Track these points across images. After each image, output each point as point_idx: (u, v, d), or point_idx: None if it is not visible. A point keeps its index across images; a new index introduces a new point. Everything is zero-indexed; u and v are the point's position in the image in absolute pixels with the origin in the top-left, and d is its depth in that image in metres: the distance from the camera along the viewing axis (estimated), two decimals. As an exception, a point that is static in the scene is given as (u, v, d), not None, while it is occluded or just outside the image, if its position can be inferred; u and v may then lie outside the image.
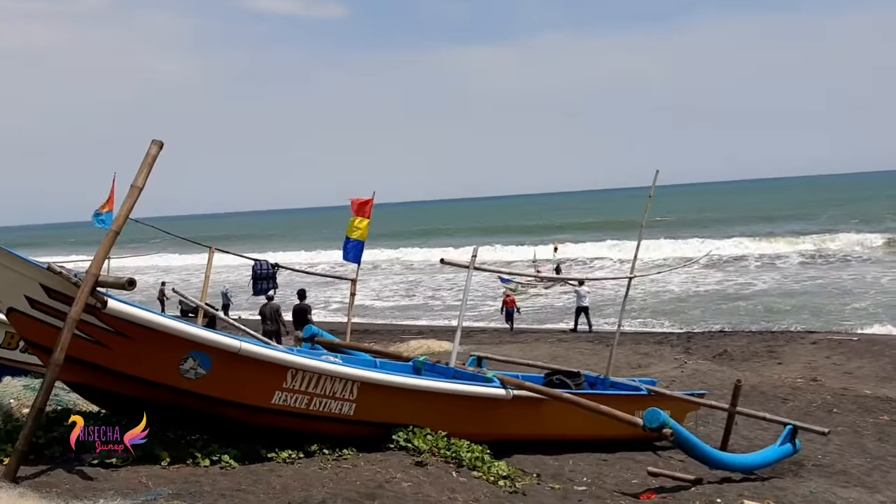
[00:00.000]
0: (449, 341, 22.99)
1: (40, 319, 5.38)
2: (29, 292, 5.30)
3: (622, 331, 25.99)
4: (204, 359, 5.82)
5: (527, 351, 20.29)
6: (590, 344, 21.95)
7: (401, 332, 29.36)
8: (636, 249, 10.28)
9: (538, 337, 24.38)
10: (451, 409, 7.32)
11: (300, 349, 8.63)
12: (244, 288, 38.50)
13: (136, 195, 5.44)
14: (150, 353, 5.65)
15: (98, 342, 5.50)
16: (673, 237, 56.77)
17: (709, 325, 26.66)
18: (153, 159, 5.51)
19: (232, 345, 5.86)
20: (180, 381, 5.81)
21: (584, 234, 71.86)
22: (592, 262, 52.25)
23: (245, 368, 6.00)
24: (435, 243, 71.39)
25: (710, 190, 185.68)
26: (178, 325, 5.68)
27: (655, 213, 11.25)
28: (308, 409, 6.44)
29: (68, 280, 5.19)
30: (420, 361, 8.63)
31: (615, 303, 33.61)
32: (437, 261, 11.47)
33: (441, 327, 31.11)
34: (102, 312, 5.32)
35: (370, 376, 6.77)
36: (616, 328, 10.53)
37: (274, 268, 13.80)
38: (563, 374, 9.57)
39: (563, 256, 54.21)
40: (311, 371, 6.34)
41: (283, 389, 6.25)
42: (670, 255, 46.49)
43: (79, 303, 5.11)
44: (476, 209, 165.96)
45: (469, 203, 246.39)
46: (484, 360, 10.62)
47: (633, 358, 18.93)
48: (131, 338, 5.53)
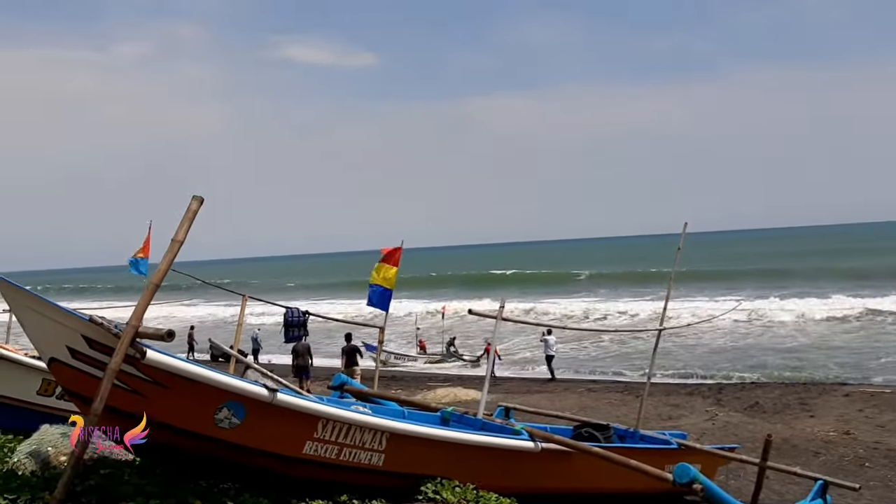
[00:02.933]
0: (476, 389, 22.95)
1: (80, 369, 5.50)
2: (70, 343, 5.44)
3: (654, 381, 25.81)
4: (238, 408, 5.91)
5: (555, 401, 20.20)
6: (619, 395, 21.80)
7: (427, 379, 29.38)
8: (665, 301, 10.28)
9: (567, 387, 24.26)
10: (480, 461, 7.33)
11: (329, 398, 8.70)
12: (273, 333, 38.75)
13: (176, 249, 5.60)
14: (186, 403, 5.75)
15: (135, 391, 5.61)
16: (704, 288, 55.92)
17: (740, 377, 26.40)
18: (194, 214, 5.67)
19: (265, 395, 5.95)
20: (215, 431, 5.89)
21: (604, 284, 71.22)
22: (610, 313, 51.42)
23: (277, 418, 6.08)
24: (453, 292, 71.39)
25: (743, 238, 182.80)
26: (214, 375, 5.78)
27: (685, 263, 11.24)
28: (338, 460, 6.50)
29: (109, 331, 5.32)
30: (448, 412, 8.66)
31: (643, 354, 33.43)
32: (454, 309, 11.54)
33: (468, 375, 31.10)
34: (141, 362, 5.45)
35: (399, 427, 6.82)
36: (646, 380, 10.48)
37: (305, 315, 13.98)
38: (593, 426, 9.55)
39: (450, 322, 43.58)
40: (341, 421, 6.41)
41: (314, 440, 6.32)
42: (701, 307, 45.78)
43: (119, 354, 5.24)
44: (504, 254, 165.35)
45: (498, 248, 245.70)
46: (512, 410, 10.63)
47: (664, 409, 18.78)
48: (168, 387, 5.64)
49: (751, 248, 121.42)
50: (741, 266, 77.23)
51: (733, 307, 35.84)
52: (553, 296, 63.25)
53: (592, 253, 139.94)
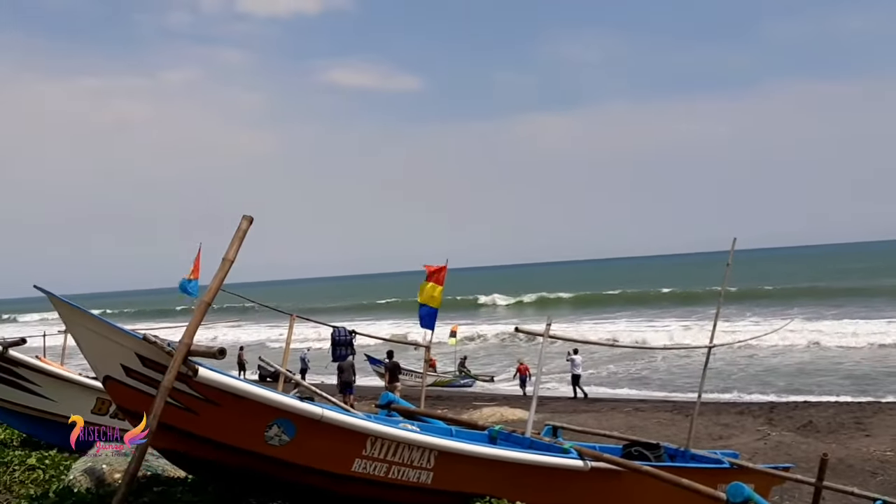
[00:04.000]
0: (522, 409, 22.82)
1: (134, 387, 5.60)
2: (125, 361, 5.54)
3: (703, 400, 25.37)
4: (288, 425, 5.94)
5: (602, 420, 20.00)
6: (668, 414, 21.50)
7: (473, 398, 29.27)
8: (715, 318, 10.12)
9: (614, 406, 23.98)
10: (528, 479, 7.26)
11: (376, 417, 8.71)
12: (319, 354, 38.97)
13: (227, 268, 5.68)
14: (237, 420, 5.81)
15: (187, 409, 5.68)
16: (753, 307, 54.89)
17: (792, 396, 25.85)
18: (244, 233, 5.75)
19: (314, 412, 5.98)
20: (265, 448, 5.93)
21: (649, 304, 70.21)
22: (654, 332, 50.73)
23: (327, 435, 6.10)
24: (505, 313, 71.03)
25: (794, 255, 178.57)
26: (264, 392, 5.83)
27: (734, 282, 11.09)
28: (386, 478, 6.48)
29: (162, 349, 5.41)
30: (496, 430, 8.60)
31: (691, 373, 32.96)
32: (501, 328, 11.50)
33: (514, 395, 30.92)
34: (193, 380, 5.52)
35: (448, 445, 6.79)
36: (697, 398, 10.31)
37: (351, 334, 14.06)
38: (642, 445, 9.39)
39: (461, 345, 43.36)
40: (390, 439, 6.40)
41: (362, 457, 6.32)
42: (750, 326, 44.98)
43: (172, 371, 5.32)
44: (545, 273, 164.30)
45: (539, 267, 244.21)
46: (559, 429, 10.52)
47: (714, 429, 18.49)
48: (220, 405, 5.70)
49: (799, 265, 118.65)
50: (791, 284, 75.59)
51: (785, 324, 35.08)
52: (595, 315, 62.77)
53: (636, 272, 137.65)
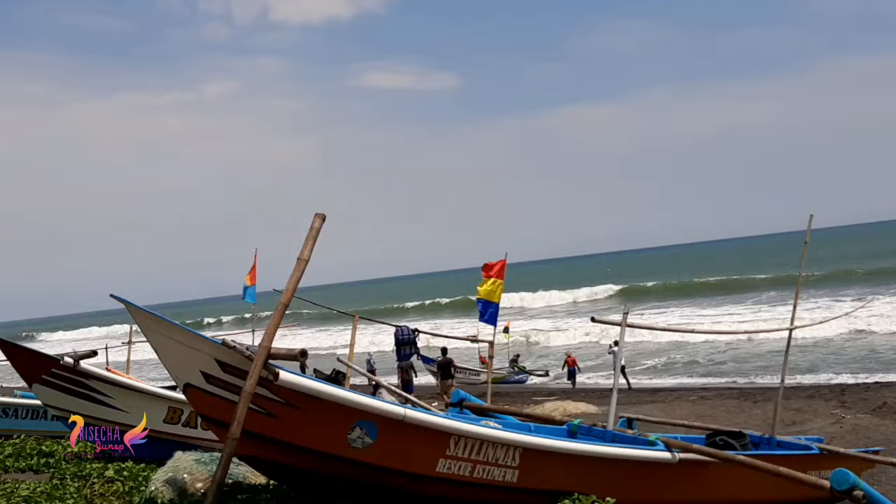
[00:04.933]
0: (584, 402, 22.48)
1: (215, 394, 5.49)
2: (204, 367, 5.44)
3: (768, 385, 24.70)
4: (371, 427, 5.79)
5: (668, 411, 19.53)
6: (735, 401, 20.94)
7: (531, 394, 28.93)
8: (795, 298, 9.78)
9: (677, 395, 23.45)
10: (615, 475, 7.02)
11: (451, 414, 8.53)
12: (387, 354, 38.84)
13: (302, 267, 5.54)
14: (320, 424, 5.67)
15: (269, 414, 5.56)
16: (824, 287, 52.52)
17: (863, 377, 25.08)
18: (317, 232, 5.61)
19: (397, 412, 5.81)
20: (348, 451, 5.79)
21: (712, 291, 68.13)
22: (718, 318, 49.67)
23: (410, 436, 5.94)
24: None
25: (873, 231, 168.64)
26: (347, 394, 5.69)
27: (811, 263, 10.69)
28: (471, 477, 6.30)
29: (242, 354, 5.29)
30: (575, 425, 8.37)
31: (754, 358, 32.24)
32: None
33: (570, 388, 30.50)
34: (273, 384, 5.39)
35: (534, 442, 6.58)
36: (780, 383, 9.97)
37: (415, 333, 13.90)
38: (726, 434, 9.08)
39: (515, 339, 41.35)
40: (474, 437, 6.22)
41: (446, 457, 6.14)
42: (825, 307, 43.18)
43: (253, 376, 5.19)
44: (586, 265, 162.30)
45: (598, 259, 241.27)
46: (634, 421, 10.24)
47: (785, 414, 17.90)
48: (301, 409, 5.57)
49: (867, 245, 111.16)
50: (860, 265, 71.19)
51: (865, 303, 33.81)
52: (662, 304, 61.62)
53: (701, 258, 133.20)
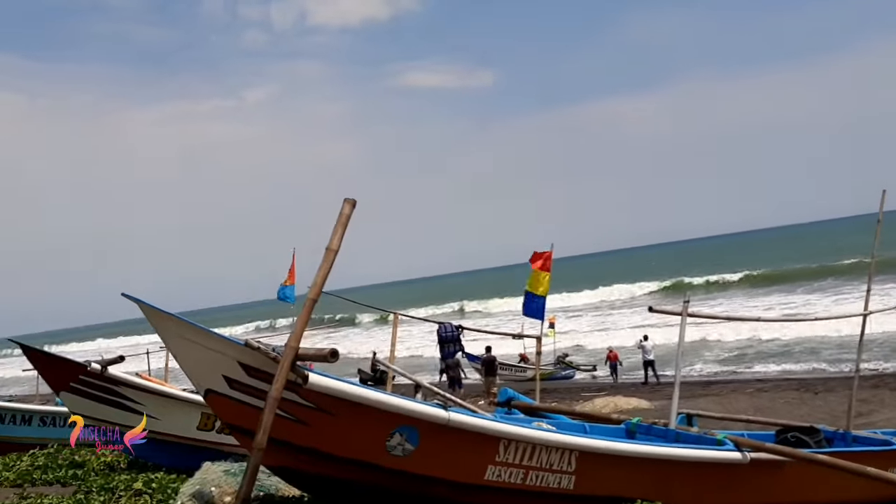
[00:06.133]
0: (636, 397, 21.73)
1: (239, 400, 5.01)
2: (226, 371, 4.96)
3: (828, 376, 23.63)
4: (411, 433, 5.27)
5: (724, 404, 18.76)
6: (794, 392, 20.09)
7: (580, 389, 28.23)
8: (868, 281, 9.05)
9: (734, 388, 22.57)
10: (681, 478, 6.41)
11: (499, 415, 7.97)
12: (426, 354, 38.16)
13: (331, 258, 5.01)
14: (355, 430, 5.16)
15: (299, 420, 5.06)
16: None
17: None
18: (347, 219, 5.08)
19: (440, 416, 5.27)
20: (387, 459, 5.27)
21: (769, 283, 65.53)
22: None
23: (455, 441, 5.40)
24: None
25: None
26: (384, 397, 5.17)
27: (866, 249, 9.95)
28: (524, 485, 5.74)
29: (267, 356, 4.80)
30: (634, 423, 7.74)
31: (809, 347, 31.17)
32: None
33: (623, 383, 29.73)
34: (303, 388, 4.89)
35: (591, 445, 5.99)
36: (854, 373, 9.24)
37: (458, 330, 13.33)
38: (797, 430, 8.36)
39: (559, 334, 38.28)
40: (525, 441, 5.66)
41: (496, 463, 5.59)
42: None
43: (279, 380, 4.70)
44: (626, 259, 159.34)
45: (644, 250, 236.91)
46: (695, 417, 9.57)
47: (850, 405, 17.03)
48: (334, 414, 5.06)
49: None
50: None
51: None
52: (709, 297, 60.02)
53: (755, 248, 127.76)
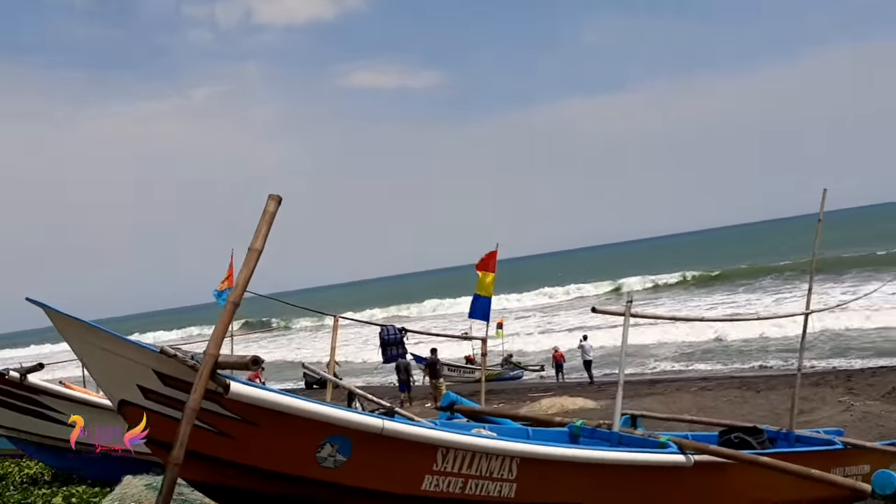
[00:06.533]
0: (582, 397, 21.67)
1: (156, 411, 4.67)
2: (141, 381, 4.61)
3: (770, 374, 23.93)
4: (343, 443, 4.98)
5: (669, 403, 18.81)
6: (737, 391, 20.27)
7: (527, 390, 28.20)
8: (810, 280, 9.02)
9: (679, 387, 22.72)
10: (625, 482, 6.24)
11: (441, 422, 7.73)
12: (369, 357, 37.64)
13: (255, 258, 4.69)
14: (283, 442, 4.85)
15: (222, 433, 4.74)
16: (831, 274, 49.98)
17: (869, 362, 24.43)
18: (272, 216, 4.76)
19: (374, 425, 5.00)
20: (318, 472, 4.97)
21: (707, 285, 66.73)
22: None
23: (390, 451, 5.13)
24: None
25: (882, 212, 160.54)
26: (312, 406, 4.87)
27: (809, 250, 9.96)
28: (463, 494, 5.49)
29: (184, 363, 4.47)
30: (577, 427, 7.55)
31: (749, 346, 31.63)
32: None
33: (569, 383, 29.80)
34: (225, 398, 4.57)
35: (532, 451, 5.77)
36: (797, 371, 9.24)
37: (402, 332, 13.03)
38: (741, 430, 8.29)
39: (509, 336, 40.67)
40: (464, 449, 5.41)
41: (433, 472, 5.33)
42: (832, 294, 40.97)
43: (198, 389, 4.37)
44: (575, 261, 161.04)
45: (587, 252, 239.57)
46: (639, 418, 9.45)
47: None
48: (260, 425, 4.75)
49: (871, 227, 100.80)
50: (870, 248, 64.79)
51: (883, 284, 32.70)
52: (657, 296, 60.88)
53: (699, 247, 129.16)
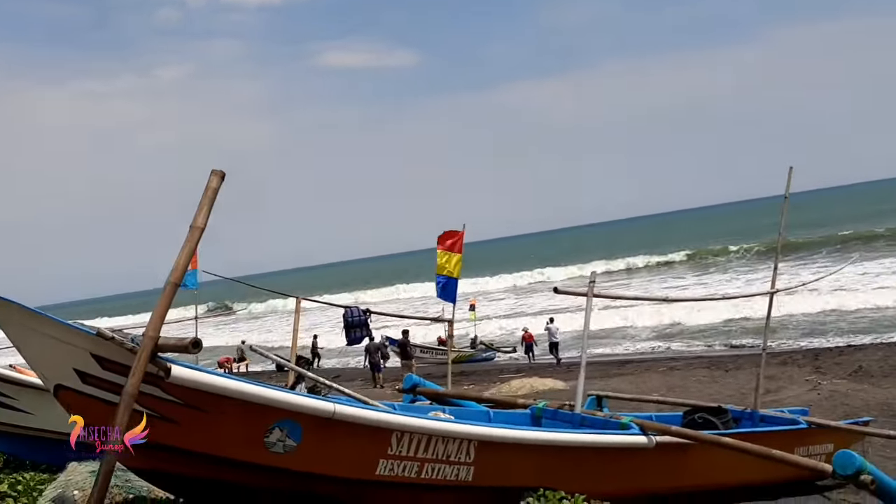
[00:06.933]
0: (552, 378, 21.67)
1: (94, 396, 4.48)
2: (78, 364, 4.41)
3: (737, 353, 24.04)
4: (293, 427, 4.83)
5: (638, 384, 18.85)
6: (705, 370, 20.33)
7: (498, 371, 28.18)
8: (776, 258, 8.99)
9: (648, 367, 22.79)
10: (585, 464, 6.17)
11: (403, 405, 7.61)
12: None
13: (197, 236, 4.50)
14: (229, 426, 4.69)
15: (166, 418, 4.56)
16: (793, 254, 50.27)
17: (836, 340, 24.66)
18: (214, 193, 4.57)
19: (324, 409, 4.85)
20: (267, 457, 4.82)
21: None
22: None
23: (342, 435, 4.99)
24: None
25: (838, 194, 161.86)
26: (259, 389, 4.71)
27: (771, 232, 9.98)
28: (419, 479, 5.38)
29: (123, 346, 4.28)
30: (539, 408, 7.46)
31: (714, 327, 31.86)
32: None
33: (539, 364, 29.83)
34: (166, 382, 4.40)
35: (489, 433, 5.67)
36: (762, 352, 9.22)
37: (366, 314, 12.84)
38: (704, 410, 8.25)
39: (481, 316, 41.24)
40: (419, 432, 5.29)
41: (388, 457, 5.21)
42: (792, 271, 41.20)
43: (136, 373, 4.18)
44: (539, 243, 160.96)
45: (548, 235, 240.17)
46: (604, 398, 9.39)
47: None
48: (204, 410, 4.58)
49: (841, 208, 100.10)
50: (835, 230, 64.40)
51: (847, 263, 33.11)
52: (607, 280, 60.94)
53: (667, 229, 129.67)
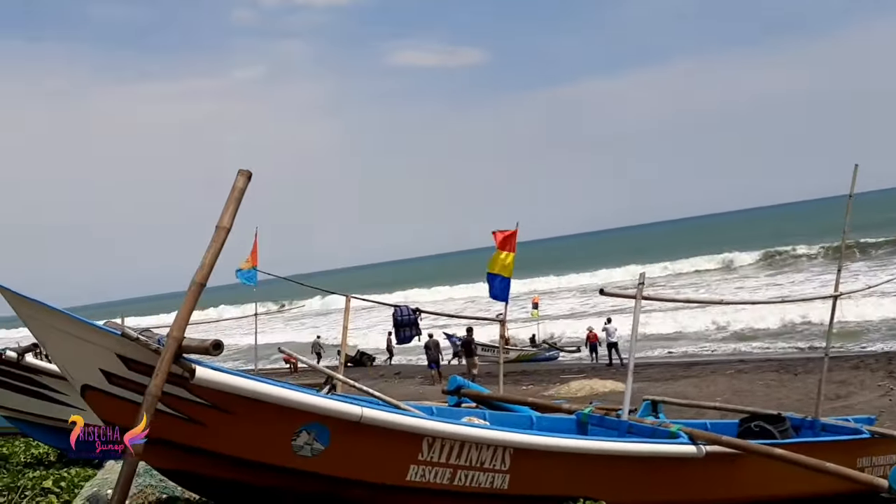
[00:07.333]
0: (613, 379, 21.25)
1: (120, 396, 4.48)
2: (104, 365, 4.42)
3: (808, 356, 23.21)
4: (321, 431, 4.76)
5: (702, 387, 18.38)
6: (774, 374, 19.69)
7: (560, 371, 27.86)
8: (840, 260, 8.57)
9: (714, 369, 22.17)
10: (629, 474, 5.94)
11: (442, 408, 7.49)
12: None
13: (222, 238, 4.46)
14: (256, 429, 4.65)
15: (192, 420, 4.54)
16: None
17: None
18: (241, 193, 4.52)
19: (352, 412, 4.76)
20: (294, 460, 4.76)
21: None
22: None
23: (370, 440, 4.89)
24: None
25: None
26: (286, 392, 4.65)
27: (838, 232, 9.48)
28: (452, 486, 5.24)
29: (147, 347, 4.27)
30: (585, 414, 7.24)
31: (791, 327, 30.87)
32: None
33: (602, 364, 29.37)
34: (192, 383, 4.37)
35: (525, 441, 5.49)
36: (825, 357, 8.80)
37: (415, 313, 12.74)
38: (762, 418, 7.90)
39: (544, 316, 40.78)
40: (451, 438, 5.15)
41: (419, 462, 5.09)
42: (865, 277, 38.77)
43: (159, 374, 4.17)
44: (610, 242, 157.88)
45: (631, 231, 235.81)
46: (660, 404, 9.10)
47: (828, 387, 16.49)
48: (231, 412, 4.54)
49: None
50: None
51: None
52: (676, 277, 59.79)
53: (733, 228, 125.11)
